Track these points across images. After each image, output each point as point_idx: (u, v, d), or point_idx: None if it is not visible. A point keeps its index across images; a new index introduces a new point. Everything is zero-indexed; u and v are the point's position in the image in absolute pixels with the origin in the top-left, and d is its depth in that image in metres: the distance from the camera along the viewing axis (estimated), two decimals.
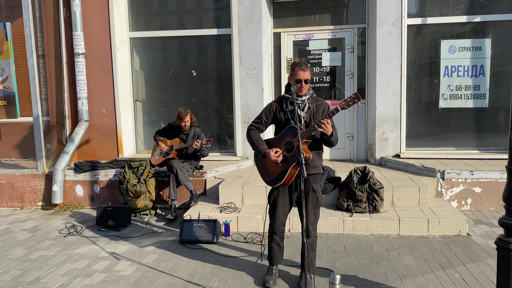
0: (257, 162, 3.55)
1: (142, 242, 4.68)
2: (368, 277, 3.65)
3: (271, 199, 3.52)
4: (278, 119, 3.45)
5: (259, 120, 3.51)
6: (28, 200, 6.28)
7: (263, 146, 3.39)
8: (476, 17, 6.18)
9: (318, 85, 6.76)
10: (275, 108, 3.45)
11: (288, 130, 3.34)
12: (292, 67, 3.36)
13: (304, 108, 3.38)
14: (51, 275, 3.86)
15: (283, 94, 3.48)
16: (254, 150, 3.47)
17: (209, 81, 6.95)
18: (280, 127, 3.47)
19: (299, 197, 3.44)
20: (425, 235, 4.61)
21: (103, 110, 6.77)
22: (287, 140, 3.33)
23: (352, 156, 6.81)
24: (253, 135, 3.48)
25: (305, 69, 3.29)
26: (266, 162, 3.43)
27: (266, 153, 3.35)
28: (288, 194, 3.50)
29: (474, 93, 6.31)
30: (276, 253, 3.58)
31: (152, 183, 5.61)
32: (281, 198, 3.47)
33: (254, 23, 6.34)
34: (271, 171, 3.41)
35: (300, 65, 3.30)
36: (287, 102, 3.41)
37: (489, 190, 5.41)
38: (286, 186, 3.44)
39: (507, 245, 2.75)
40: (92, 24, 6.63)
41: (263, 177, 3.49)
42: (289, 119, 3.38)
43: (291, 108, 3.37)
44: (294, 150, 3.27)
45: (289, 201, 3.52)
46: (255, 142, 3.43)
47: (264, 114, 3.49)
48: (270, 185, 3.46)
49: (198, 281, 3.66)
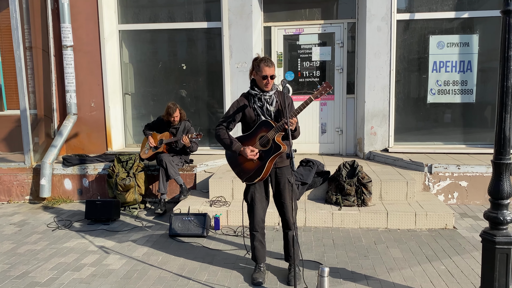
0: (231, 160, 3.51)
1: (131, 236, 4.68)
2: (356, 270, 3.70)
3: (249, 197, 3.50)
4: (248, 116, 3.43)
5: (229, 119, 3.45)
6: (16, 194, 6.22)
7: (237, 144, 3.38)
8: (464, 13, 6.24)
9: (308, 79, 6.78)
10: (244, 107, 3.43)
11: (261, 125, 3.35)
12: (257, 62, 3.34)
13: (272, 103, 3.41)
14: (39, 269, 3.84)
15: (248, 90, 3.47)
16: (227, 149, 3.43)
17: (199, 75, 6.93)
18: (248, 123, 3.46)
19: (276, 190, 3.50)
20: (413, 228, 4.68)
21: (92, 104, 6.71)
22: (261, 134, 3.35)
23: (341, 150, 6.86)
24: (223, 134, 3.43)
25: (270, 66, 3.31)
26: (241, 159, 3.42)
27: (242, 151, 3.34)
28: (264, 188, 3.53)
29: (462, 89, 6.39)
30: (260, 251, 3.58)
31: (141, 177, 5.59)
32: (258, 194, 3.49)
33: (245, 17, 6.32)
34: (247, 167, 3.41)
35: (265, 61, 3.31)
36: (254, 98, 3.42)
37: (475, 184, 5.50)
38: (261, 181, 3.46)
39: (492, 238, 2.81)
40: (81, 16, 6.55)
41: (239, 174, 3.46)
42: (258, 115, 3.40)
43: (260, 104, 3.39)
44: (270, 144, 3.29)
45: (266, 195, 3.55)
46: (227, 142, 3.40)
47: (233, 112, 3.44)
48: (248, 181, 3.45)
49: (188, 274, 3.67)
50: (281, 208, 3.52)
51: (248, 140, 3.41)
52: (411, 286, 3.39)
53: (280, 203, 3.51)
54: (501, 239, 2.79)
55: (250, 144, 3.38)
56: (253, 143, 3.38)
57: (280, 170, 3.48)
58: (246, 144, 3.39)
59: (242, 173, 3.44)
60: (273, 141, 3.28)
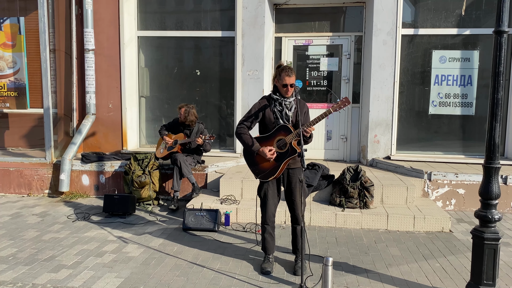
0: (248, 158, 3.83)
1: (147, 228, 5.00)
2: (357, 264, 4.00)
3: (262, 192, 3.83)
4: (267, 118, 3.75)
5: (250, 118, 3.77)
6: (36, 188, 6.56)
7: (256, 144, 3.71)
8: (466, 30, 6.59)
9: (316, 88, 7.12)
10: (265, 107, 3.76)
11: (280, 129, 3.67)
12: (279, 71, 3.67)
13: (291, 109, 3.73)
14: (65, 254, 4.17)
15: (270, 94, 3.79)
16: (247, 147, 3.75)
17: (211, 81, 7.28)
18: (266, 125, 3.78)
19: (287, 188, 3.82)
20: (411, 230, 4.98)
21: (110, 105, 7.07)
22: (279, 138, 3.68)
23: (345, 157, 7.18)
24: (244, 134, 3.75)
25: (291, 75, 3.62)
26: (258, 158, 3.75)
27: (260, 151, 3.67)
28: (276, 186, 3.85)
29: (462, 102, 6.71)
30: (270, 243, 3.90)
31: (156, 175, 5.92)
32: (271, 191, 3.81)
33: (257, 27, 6.68)
34: (263, 166, 3.74)
35: (286, 70, 3.63)
36: (275, 103, 3.74)
37: (472, 192, 5.79)
38: (274, 180, 3.79)
39: (481, 234, 3.12)
40: (103, 22, 6.93)
41: (255, 171, 3.79)
42: (277, 118, 3.72)
43: (280, 108, 3.71)
44: (287, 147, 3.63)
45: (278, 193, 3.87)
46: (247, 141, 3.72)
47: (254, 112, 3.77)
48: (262, 179, 3.78)
49: (201, 263, 3.98)
50: (291, 205, 3.84)
51: (266, 141, 3.73)
52: (408, 279, 3.69)
53: (290, 200, 3.83)
54: (490, 235, 3.09)
55: (268, 145, 3.71)
56: (270, 144, 3.71)
57: (292, 171, 3.81)
58: (264, 144, 3.72)
59: (258, 171, 3.77)
60: (290, 145, 3.62)
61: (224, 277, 3.68)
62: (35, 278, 3.64)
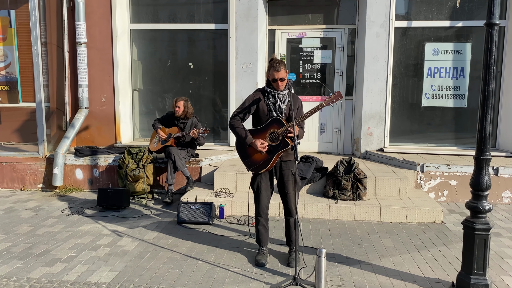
0: (240, 150, 3.83)
1: (141, 222, 5.01)
2: (350, 256, 4.04)
3: (255, 185, 3.85)
4: (261, 110, 3.76)
5: (244, 110, 3.77)
6: (29, 182, 6.54)
7: (249, 136, 3.71)
8: (459, 22, 6.61)
9: (310, 81, 7.13)
10: (259, 100, 3.76)
11: (273, 122, 3.68)
12: (269, 66, 3.68)
13: (284, 101, 3.73)
14: (59, 248, 4.17)
15: (264, 87, 3.80)
16: (240, 139, 3.75)
17: (205, 74, 7.26)
18: (260, 117, 3.78)
19: (280, 181, 3.83)
20: (404, 221, 5.03)
21: (103, 98, 7.03)
22: (272, 130, 3.69)
23: (338, 149, 7.21)
24: (237, 125, 3.75)
25: (279, 69, 3.60)
26: (250, 150, 3.76)
27: (253, 143, 3.68)
28: (269, 179, 3.86)
29: (454, 94, 6.75)
30: (263, 235, 3.92)
31: (150, 168, 5.92)
32: (264, 183, 3.83)
33: (251, 20, 6.66)
34: (255, 158, 3.75)
35: (274, 65, 3.61)
36: (269, 95, 3.74)
37: (464, 183, 5.85)
38: (267, 172, 3.80)
39: (472, 225, 3.16)
40: (95, 14, 6.87)
41: (247, 164, 3.79)
42: (271, 110, 3.72)
43: (273, 101, 3.72)
44: (279, 140, 3.63)
45: (270, 185, 3.89)
46: (241, 133, 3.72)
47: (248, 104, 3.76)
48: (254, 171, 3.79)
49: (196, 255, 4.00)
50: (284, 198, 3.86)
51: (259, 134, 3.74)
52: (400, 270, 3.73)
53: (283, 192, 3.85)
54: (480, 226, 3.14)
55: (260, 138, 3.71)
56: (263, 137, 3.72)
57: (285, 163, 3.82)
58: (257, 137, 3.72)
59: (250, 163, 3.77)
60: (282, 138, 3.62)
61: (219, 269, 3.71)
62: (29, 272, 3.64)
